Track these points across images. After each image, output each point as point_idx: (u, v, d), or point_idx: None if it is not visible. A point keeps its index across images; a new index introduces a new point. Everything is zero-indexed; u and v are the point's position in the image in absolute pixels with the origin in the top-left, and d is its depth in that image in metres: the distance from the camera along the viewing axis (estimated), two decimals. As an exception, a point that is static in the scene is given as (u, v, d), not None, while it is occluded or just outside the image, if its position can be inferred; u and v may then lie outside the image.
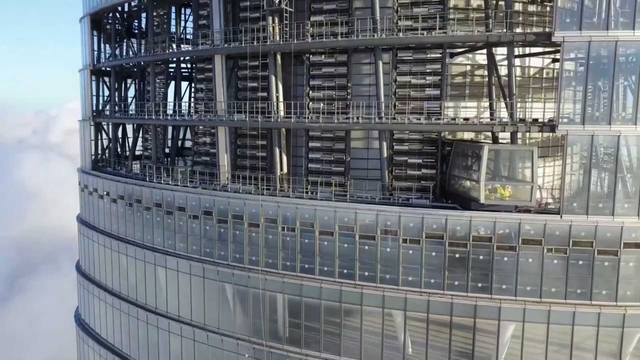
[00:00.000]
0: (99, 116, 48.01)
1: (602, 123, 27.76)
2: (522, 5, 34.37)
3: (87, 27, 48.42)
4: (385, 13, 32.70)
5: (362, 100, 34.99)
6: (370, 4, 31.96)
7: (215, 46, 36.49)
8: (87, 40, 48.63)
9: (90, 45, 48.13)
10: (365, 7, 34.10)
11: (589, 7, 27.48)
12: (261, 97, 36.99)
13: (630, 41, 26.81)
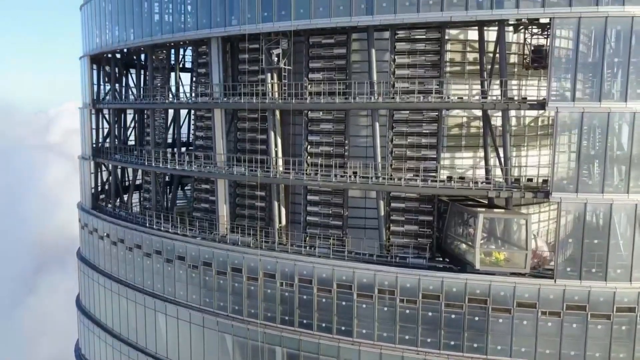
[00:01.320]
0: (98, 155, 48.40)
1: (596, 190, 28.33)
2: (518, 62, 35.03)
3: (87, 66, 48.88)
4: (382, 67, 33.24)
5: (359, 153, 35.78)
6: (367, 57, 32.51)
7: (215, 99, 36.95)
8: (87, 80, 49.09)
9: (90, 85, 48.56)
10: (363, 61, 34.64)
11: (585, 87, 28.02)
12: (260, 149, 37.46)
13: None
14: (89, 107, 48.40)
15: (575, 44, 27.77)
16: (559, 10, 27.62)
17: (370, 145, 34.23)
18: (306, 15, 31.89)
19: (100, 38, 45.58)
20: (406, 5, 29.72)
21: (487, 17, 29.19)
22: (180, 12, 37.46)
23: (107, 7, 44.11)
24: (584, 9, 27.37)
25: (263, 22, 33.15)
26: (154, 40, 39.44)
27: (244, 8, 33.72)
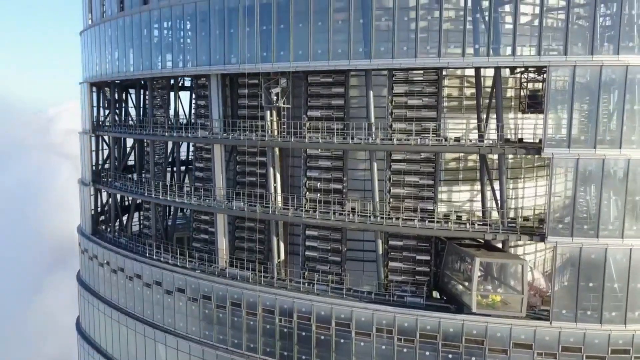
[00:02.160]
0: (98, 180, 48.73)
1: (591, 234, 28.70)
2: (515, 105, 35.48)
3: (87, 92, 49.21)
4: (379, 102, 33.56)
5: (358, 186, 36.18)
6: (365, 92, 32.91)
7: (215, 134, 37.27)
8: (87, 105, 49.41)
9: (90, 111, 48.89)
10: (361, 96, 34.97)
11: (579, 129, 28.40)
12: (260, 182, 37.85)
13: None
14: (89, 133, 48.75)
15: (571, 91, 28.13)
16: (554, 58, 27.99)
17: (368, 178, 34.61)
18: (305, 57, 32.20)
19: (100, 66, 45.91)
20: (404, 50, 30.06)
21: (484, 64, 29.57)
22: (180, 47, 37.75)
23: (107, 37, 44.43)
24: (579, 58, 27.73)
25: (262, 62, 33.46)
26: (154, 74, 39.78)
27: (243, 47, 34.04)
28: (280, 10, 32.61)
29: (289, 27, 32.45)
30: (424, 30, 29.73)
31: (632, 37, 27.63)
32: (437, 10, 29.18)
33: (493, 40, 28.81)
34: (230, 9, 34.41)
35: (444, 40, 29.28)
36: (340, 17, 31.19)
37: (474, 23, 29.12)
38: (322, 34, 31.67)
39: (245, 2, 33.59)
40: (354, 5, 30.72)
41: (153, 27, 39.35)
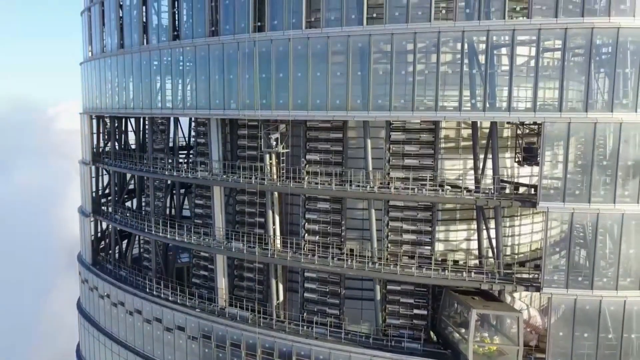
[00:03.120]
0: (98, 212, 49.08)
1: (586, 284, 29.16)
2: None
3: (87, 123, 49.58)
4: (377, 143, 33.95)
5: (356, 225, 36.59)
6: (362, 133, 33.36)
7: (214, 175, 37.65)
8: (88, 136, 49.77)
9: (91, 142, 49.25)
10: (359, 137, 35.38)
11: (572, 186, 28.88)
12: (259, 222, 38.25)
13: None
14: (89, 163, 49.10)
15: (566, 147, 28.57)
16: (549, 115, 28.42)
17: (366, 217, 34.99)
18: (304, 106, 32.58)
19: (101, 100, 46.29)
20: (401, 104, 30.46)
21: (480, 118, 30.00)
22: (180, 88, 38.09)
23: (107, 71, 44.81)
24: (574, 114, 28.17)
25: (262, 109, 33.83)
26: (153, 113, 40.15)
27: (243, 93, 34.43)
28: (279, 59, 33.00)
29: (287, 76, 32.83)
30: (421, 84, 30.10)
31: (627, 92, 28.03)
32: (434, 65, 29.55)
33: (489, 96, 29.24)
34: (230, 55, 34.78)
35: (441, 95, 29.68)
36: (338, 69, 31.57)
37: (471, 78, 29.52)
38: (321, 84, 32.05)
39: (245, 49, 33.96)
40: (352, 57, 31.12)
41: (153, 67, 39.67)
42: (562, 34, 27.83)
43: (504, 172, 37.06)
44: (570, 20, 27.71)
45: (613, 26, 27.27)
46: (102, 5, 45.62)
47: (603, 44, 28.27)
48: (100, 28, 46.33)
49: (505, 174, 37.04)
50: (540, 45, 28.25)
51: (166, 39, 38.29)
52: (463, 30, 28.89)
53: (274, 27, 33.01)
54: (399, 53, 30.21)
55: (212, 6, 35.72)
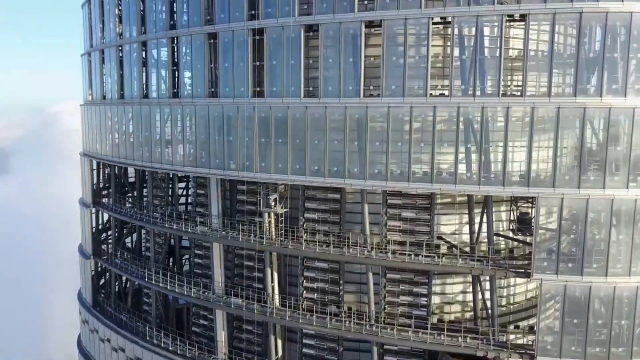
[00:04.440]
0: (98, 254, 49.56)
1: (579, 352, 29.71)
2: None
3: (87, 166, 50.06)
4: (375, 208, 34.51)
5: (354, 279, 37.07)
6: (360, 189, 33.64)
7: (214, 230, 38.17)
8: (87, 178, 50.25)
9: (91, 184, 49.72)
10: (356, 196, 35.86)
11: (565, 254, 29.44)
12: (257, 277, 38.76)
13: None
14: (90, 206, 49.57)
15: (559, 221, 29.15)
16: (543, 190, 28.99)
17: (364, 272, 35.47)
18: (302, 171, 33.14)
19: (101, 146, 46.75)
20: (397, 174, 31.01)
21: (475, 191, 30.57)
22: (180, 145, 38.60)
23: (107, 119, 45.28)
24: (567, 191, 28.74)
25: (261, 171, 34.38)
26: (154, 167, 40.61)
27: (242, 155, 34.97)
28: (277, 124, 33.58)
29: (286, 142, 33.39)
30: (417, 155, 30.63)
31: (618, 167, 28.59)
32: (430, 137, 30.10)
33: (484, 169, 29.80)
34: (230, 117, 35.33)
35: (437, 167, 30.24)
36: (336, 137, 32.13)
37: (467, 153, 30.09)
38: (319, 151, 32.62)
39: (244, 112, 34.51)
40: (349, 127, 31.68)
41: (154, 120, 40.18)
42: (555, 111, 28.42)
43: (500, 225, 37.74)
44: (562, 100, 28.32)
45: (604, 105, 27.91)
46: (102, 53, 46.22)
47: (594, 117, 28.81)
48: (101, 73, 46.92)
49: (501, 228, 37.69)
50: (534, 121, 28.80)
51: (166, 95, 38.78)
52: (458, 105, 29.45)
53: (273, 94, 33.56)
54: (395, 124, 30.77)
55: (212, 67, 36.29)
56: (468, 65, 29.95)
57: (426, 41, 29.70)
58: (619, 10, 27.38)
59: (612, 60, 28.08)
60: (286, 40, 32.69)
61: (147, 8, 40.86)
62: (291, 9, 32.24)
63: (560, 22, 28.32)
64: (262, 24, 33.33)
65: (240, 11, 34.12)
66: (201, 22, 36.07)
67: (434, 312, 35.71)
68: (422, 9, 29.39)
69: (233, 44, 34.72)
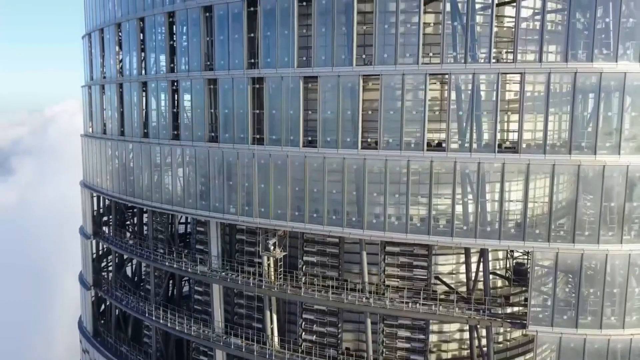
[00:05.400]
0: (99, 286, 49.92)
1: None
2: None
3: (88, 197, 50.44)
4: (373, 257, 34.95)
5: (353, 318, 37.44)
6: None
7: (213, 270, 38.56)
8: (88, 210, 50.63)
9: (91, 216, 50.11)
10: (355, 243, 36.25)
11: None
12: (257, 317, 39.15)
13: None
14: (90, 237, 49.96)
15: (554, 275, 29.59)
16: (538, 244, 29.44)
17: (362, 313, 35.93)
18: (301, 219, 33.58)
19: (101, 180, 47.12)
20: (395, 225, 31.43)
21: (471, 245, 31.01)
22: (180, 186, 38.99)
23: (107, 153, 45.67)
24: (562, 245, 29.19)
25: (260, 217, 34.80)
26: (154, 207, 40.98)
27: (242, 200, 35.38)
28: (277, 171, 33.99)
29: (286, 189, 33.80)
30: (415, 207, 31.07)
31: (613, 228, 29.04)
32: (427, 191, 30.54)
33: (481, 222, 30.24)
34: (230, 162, 35.73)
35: (434, 219, 30.69)
36: (334, 187, 32.54)
37: (464, 208, 30.54)
38: (318, 200, 33.06)
39: (244, 159, 34.95)
40: (347, 177, 32.11)
41: (154, 159, 40.55)
42: (550, 169, 28.89)
43: (497, 264, 38.24)
44: (557, 157, 28.80)
45: (599, 163, 28.39)
46: (102, 88, 46.62)
47: (589, 173, 29.23)
48: (101, 107, 47.31)
49: (497, 267, 38.21)
50: (529, 179, 29.26)
51: (167, 135, 39.17)
52: (455, 160, 29.89)
53: (273, 142, 33.97)
54: (392, 177, 31.18)
55: (212, 113, 36.70)
56: (465, 119, 30.35)
57: (423, 95, 30.13)
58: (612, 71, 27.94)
59: (607, 118, 28.57)
60: (285, 90, 33.12)
61: (147, 47, 41.28)
62: (290, 60, 32.68)
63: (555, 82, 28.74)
64: (261, 73, 33.75)
65: (240, 59, 34.55)
66: (201, 67, 36.48)
67: (432, 350, 36.17)
68: (419, 65, 29.85)
69: (233, 90, 35.15)
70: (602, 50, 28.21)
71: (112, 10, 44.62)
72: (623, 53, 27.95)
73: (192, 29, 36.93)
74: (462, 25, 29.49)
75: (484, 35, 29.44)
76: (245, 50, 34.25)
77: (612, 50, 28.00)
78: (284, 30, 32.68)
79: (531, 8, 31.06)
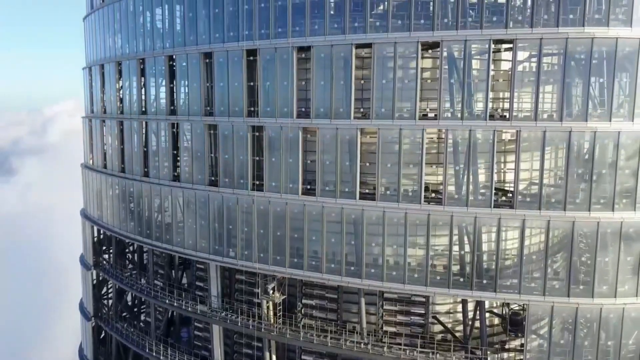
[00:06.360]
0: (99, 316, 50.27)
1: None
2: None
3: (88, 228, 50.80)
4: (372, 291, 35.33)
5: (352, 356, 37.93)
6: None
7: (213, 310, 38.96)
8: (89, 241, 50.99)
9: (92, 246, 50.47)
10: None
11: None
12: (257, 355, 39.55)
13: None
14: (91, 269, 50.33)
15: (549, 327, 30.05)
16: (534, 298, 29.88)
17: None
18: (300, 266, 34.01)
19: (102, 217, 47.44)
20: (393, 276, 31.87)
21: (467, 296, 31.50)
22: (180, 228, 39.35)
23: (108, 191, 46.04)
24: (557, 299, 29.63)
25: (259, 262, 35.22)
26: (154, 246, 41.37)
27: (242, 245, 35.79)
28: (276, 218, 34.42)
29: (285, 235, 34.22)
30: (413, 259, 31.52)
31: (607, 280, 29.52)
32: (424, 243, 31.00)
33: (476, 275, 30.69)
34: (229, 207, 36.13)
35: (431, 270, 31.12)
36: (333, 235, 32.97)
37: (460, 258, 31.00)
38: (316, 247, 33.50)
39: (244, 204, 35.38)
40: (345, 227, 32.54)
41: (155, 199, 40.93)
42: (545, 224, 29.35)
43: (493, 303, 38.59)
44: (553, 213, 29.23)
45: (593, 219, 28.83)
46: (103, 122, 47.00)
47: (583, 228, 29.68)
48: (102, 141, 47.66)
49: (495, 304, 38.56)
50: (524, 234, 29.73)
51: (167, 176, 39.56)
52: (452, 214, 30.33)
53: (272, 188, 34.39)
54: (390, 228, 31.62)
55: (212, 157, 37.12)
56: (461, 171, 30.78)
57: (420, 149, 30.56)
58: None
59: (601, 175, 29.02)
60: (285, 139, 33.54)
61: (147, 87, 41.71)
62: (289, 110, 33.12)
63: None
64: (261, 122, 34.17)
65: (240, 106, 34.98)
66: (201, 112, 36.91)
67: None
68: (416, 120, 30.31)
69: (233, 137, 35.55)
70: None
71: (112, 47, 45.08)
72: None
73: (192, 74, 37.34)
74: (460, 81, 29.93)
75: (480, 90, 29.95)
76: (245, 98, 34.69)
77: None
78: (283, 81, 33.13)
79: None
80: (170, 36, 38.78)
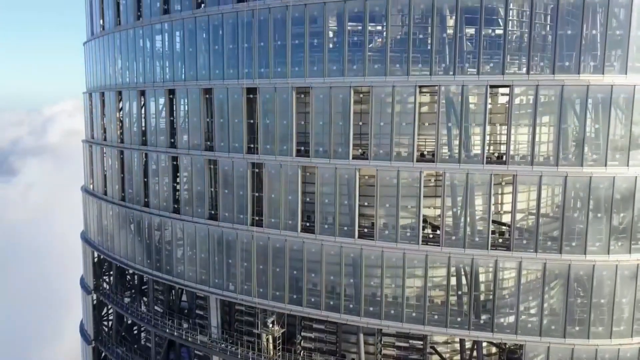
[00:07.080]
0: (100, 340, 50.55)
1: None
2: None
3: (89, 252, 51.09)
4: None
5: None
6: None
7: (213, 340, 39.27)
8: (89, 264, 51.28)
9: (93, 270, 50.75)
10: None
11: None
12: (257, 384, 39.92)
13: None
14: (91, 292, 50.61)
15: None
16: (530, 338, 30.25)
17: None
18: (299, 302, 34.35)
19: (102, 243, 47.74)
20: (391, 314, 32.22)
21: (465, 336, 31.86)
22: (180, 258, 39.66)
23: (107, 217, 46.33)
24: (553, 340, 30.00)
25: (259, 297, 35.55)
26: (154, 275, 41.66)
27: (241, 279, 36.13)
28: (275, 254, 34.78)
29: (284, 271, 34.57)
30: (411, 297, 31.86)
31: (603, 320, 29.89)
32: (422, 284, 31.35)
33: (475, 314, 31.05)
34: (229, 242, 36.46)
35: (429, 311, 31.47)
36: (332, 274, 33.33)
37: (458, 298, 31.36)
38: (316, 284, 33.84)
39: (243, 239, 35.73)
40: (345, 266, 32.89)
41: (155, 230, 41.24)
42: (541, 265, 29.72)
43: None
44: (548, 255, 29.61)
45: (590, 262, 29.19)
46: (102, 149, 47.28)
47: (579, 271, 30.05)
48: (102, 167, 47.94)
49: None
50: (521, 274, 30.09)
51: (167, 208, 39.87)
52: (449, 255, 30.70)
53: (271, 225, 34.71)
54: (389, 271, 32.00)
55: (212, 191, 37.44)
56: (458, 213, 31.13)
57: (418, 192, 30.90)
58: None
59: (598, 218, 29.37)
60: (284, 176, 33.87)
61: (148, 118, 42.00)
62: (289, 148, 33.45)
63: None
64: (260, 159, 34.49)
65: (240, 142, 35.29)
66: (201, 147, 37.22)
67: None
68: (413, 163, 30.66)
69: (233, 172, 35.87)
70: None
71: (112, 75, 45.39)
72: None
73: (192, 108, 37.66)
74: (457, 124, 30.27)
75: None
76: (245, 134, 35.01)
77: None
78: (282, 119, 33.46)
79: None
80: (171, 69, 39.07)
